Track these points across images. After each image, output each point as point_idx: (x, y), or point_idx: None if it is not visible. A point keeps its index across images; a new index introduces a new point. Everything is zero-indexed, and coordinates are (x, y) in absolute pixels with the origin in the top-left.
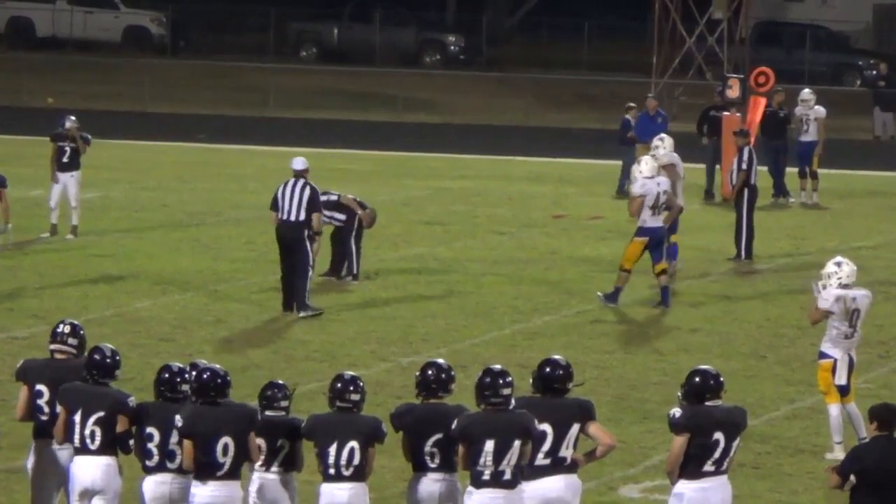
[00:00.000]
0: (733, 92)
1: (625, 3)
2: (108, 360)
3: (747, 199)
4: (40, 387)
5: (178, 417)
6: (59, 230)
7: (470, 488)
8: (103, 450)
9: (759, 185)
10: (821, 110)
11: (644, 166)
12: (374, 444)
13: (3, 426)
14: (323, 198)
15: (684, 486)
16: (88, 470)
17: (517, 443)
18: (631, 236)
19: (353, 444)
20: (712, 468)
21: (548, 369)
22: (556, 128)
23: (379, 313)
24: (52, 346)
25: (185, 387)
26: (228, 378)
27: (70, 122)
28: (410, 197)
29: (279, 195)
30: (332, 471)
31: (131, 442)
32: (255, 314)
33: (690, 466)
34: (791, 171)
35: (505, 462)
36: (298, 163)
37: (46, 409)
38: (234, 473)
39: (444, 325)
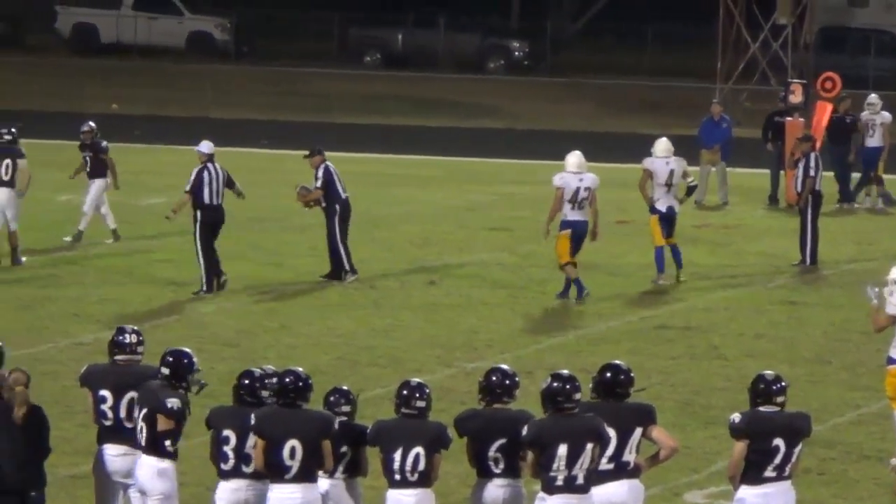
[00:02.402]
0: (795, 97)
1: (689, 8)
2: (184, 362)
3: (812, 204)
4: (104, 392)
5: (252, 416)
6: (116, 235)
7: (542, 494)
8: (148, 450)
9: (823, 190)
10: (887, 115)
11: (657, 146)
12: (439, 450)
13: (68, 431)
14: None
15: (746, 492)
16: (138, 470)
17: (589, 446)
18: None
19: (419, 450)
20: (773, 474)
21: (609, 374)
22: (619, 133)
23: (443, 319)
24: (118, 356)
25: (266, 392)
26: (310, 382)
27: (84, 128)
28: (474, 202)
29: (204, 180)
30: (397, 477)
31: (167, 443)
32: (319, 320)
33: (751, 472)
34: (856, 175)
35: (577, 466)
36: (206, 146)
37: (110, 414)
38: (306, 477)
39: (508, 330)
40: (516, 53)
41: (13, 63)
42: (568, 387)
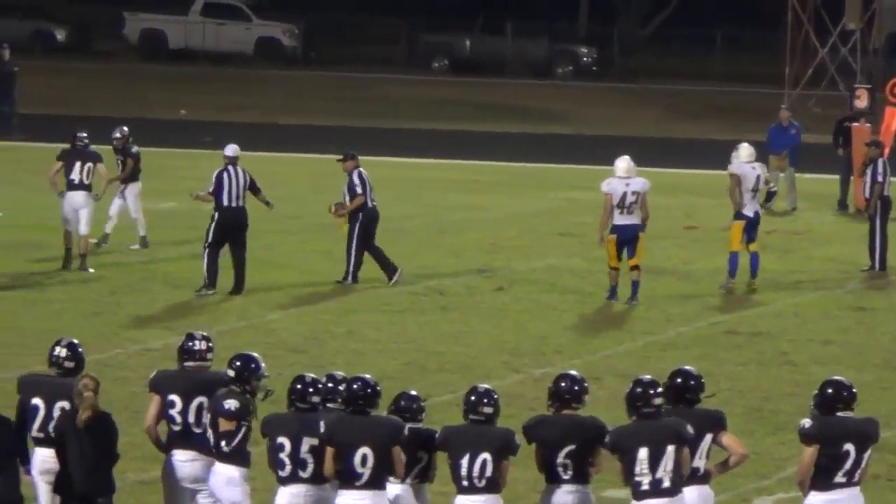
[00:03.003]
0: (861, 102)
1: (757, 13)
2: (251, 367)
3: (881, 209)
4: (173, 396)
5: (321, 424)
6: (145, 242)
7: (633, 502)
8: (220, 457)
9: (892, 196)
10: None
11: (742, 151)
12: (507, 456)
13: (136, 437)
14: None
15: (815, 498)
16: (211, 477)
17: (671, 448)
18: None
19: (486, 456)
20: (843, 479)
21: (680, 380)
22: (687, 139)
23: (512, 324)
24: (188, 362)
25: (317, 398)
26: (378, 388)
27: (116, 133)
28: (543, 208)
29: (224, 182)
30: (465, 483)
31: (223, 443)
32: (387, 325)
33: (821, 477)
34: None
35: (661, 469)
36: (231, 149)
37: (178, 419)
38: (376, 484)
39: (577, 336)
40: (584, 59)
41: (81, 69)
42: (648, 391)
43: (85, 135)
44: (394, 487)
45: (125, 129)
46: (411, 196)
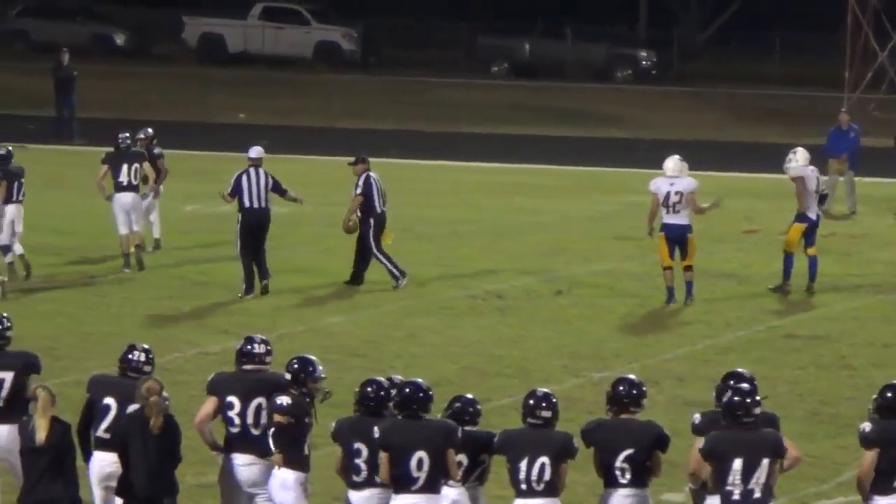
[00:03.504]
0: None
1: (817, 17)
2: (308, 369)
3: None
4: (231, 398)
5: (375, 430)
6: (158, 245)
7: None
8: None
9: None
10: None
11: (799, 155)
12: (565, 459)
13: (194, 440)
14: None
15: (876, 503)
16: (270, 480)
17: (766, 461)
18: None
19: (544, 459)
20: None
21: (732, 382)
22: (746, 142)
23: (571, 328)
24: (246, 366)
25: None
26: (431, 393)
27: (140, 135)
28: (601, 212)
29: (243, 184)
30: (523, 486)
31: (272, 441)
32: (446, 329)
33: (881, 481)
34: None
35: (753, 481)
36: (254, 151)
37: (237, 421)
38: (431, 488)
39: (635, 340)
40: (644, 63)
41: (140, 73)
42: (748, 400)
43: (127, 135)
44: (451, 491)
45: (150, 130)
46: (470, 200)
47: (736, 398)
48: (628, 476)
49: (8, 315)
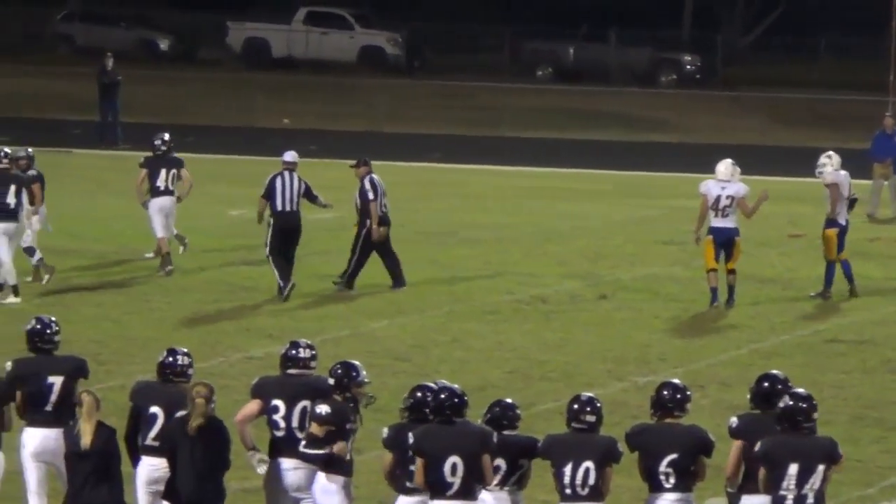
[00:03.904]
0: None
1: (861, 20)
2: (351, 374)
3: None
4: (276, 402)
5: (409, 435)
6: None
7: None
8: (322, 465)
9: None
10: None
11: (834, 159)
12: (609, 464)
13: (239, 445)
14: None
15: None
16: (314, 485)
17: (821, 468)
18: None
19: (589, 464)
20: None
21: (766, 384)
22: (790, 146)
23: (615, 333)
24: (291, 370)
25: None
26: (465, 398)
27: (155, 141)
28: (645, 216)
29: (276, 187)
30: (567, 491)
31: (307, 447)
32: (491, 334)
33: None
34: None
35: (807, 486)
36: (288, 155)
37: (282, 424)
38: (466, 493)
39: (680, 344)
40: (687, 67)
41: (185, 78)
42: (806, 406)
43: (165, 139)
44: (488, 496)
45: (166, 136)
46: (515, 204)
47: (800, 404)
48: (673, 480)
49: (56, 319)
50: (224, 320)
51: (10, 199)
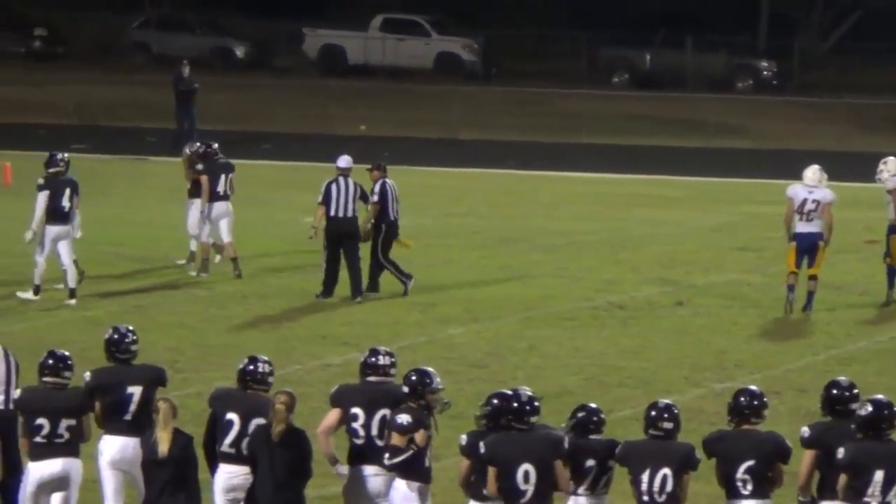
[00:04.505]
0: None
1: None
2: (425, 381)
3: None
4: (355, 410)
5: (481, 444)
6: (193, 257)
7: None
8: (398, 472)
9: None
10: None
11: (890, 164)
12: (687, 471)
13: (317, 453)
14: None
15: None
16: (391, 492)
17: None
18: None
19: (666, 471)
20: None
21: (835, 391)
22: (867, 152)
23: (692, 339)
24: (371, 377)
25: (535, 417)
26: (536, 404)
27: (187, 149)
28: (722, 223)
29: (332, 192)
30: (645, 498)
31: (387, 456)
32: (567, 340)
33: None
34: None
35: (892, 493)
36: (342, 161)
37: (362, 433)
38: (540, 500)
39: (757, 350)
40: (764, 73)
41: (261, 85)
42: (888, 412)
43: (217, 146)
44: (580, 500)
45: (197, 144)
46: (591, 211)
47: (883, 411)
48: (750, 487)
49: (133, 328)
50: (300, 327)
51: (65, 203)
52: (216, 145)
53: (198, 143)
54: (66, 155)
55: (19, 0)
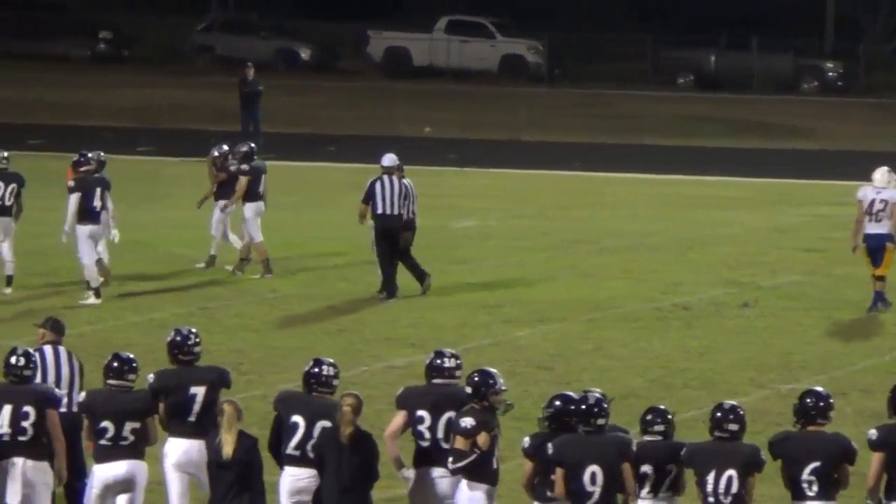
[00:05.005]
0: None
1: None
2: (489, 382)
3: None
4: (421, 412)
5: (549, 445)
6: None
7: None
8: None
9: None
10: None
11: None
12: (752, 472)
13: (382, 455)
14: None
15: None
16: (457, 493)
17: None
18: None
19: (732, 472)
20: None
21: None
22: None
23: (757, 340)
24: (436, 379)
25: (602, 420)
26: (605, 406)
27: (215, 151)
28: (787, 224)
29: (377, 190)
30: (711, 499)
31: (451, 459)
32: (633, 342)
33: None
34: None
35: None
36: (386, 159)
37: (427, 435)
38: (606, 502)
39: (823, 351)
40: (830, 74)
41: (326, 87)
42: None
43: (254, 146)
44: (653, 502)
45: (225, 147)
46: (656, 212)
47: None
48: (815, 489)
49: (196, 330)
50: (366, 329)
51: (97, 203)
52: (254, 145)
53: (224, 146)
54: (101, 154)
55: (85, 3)
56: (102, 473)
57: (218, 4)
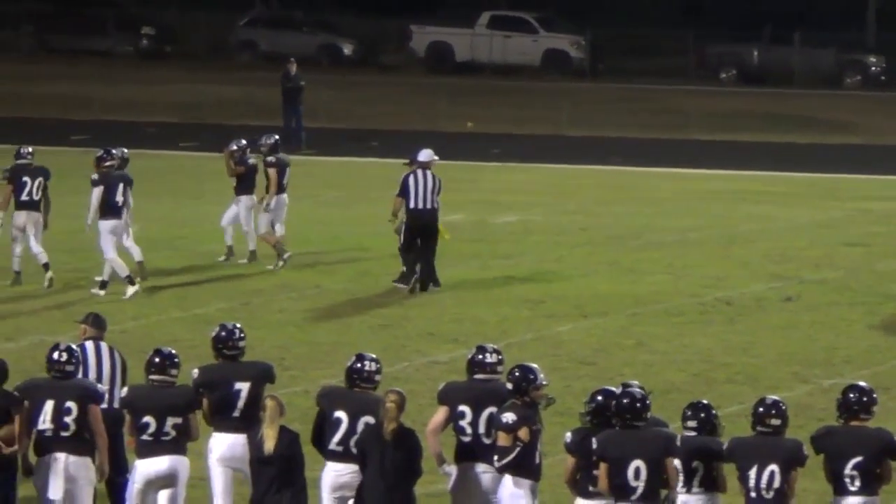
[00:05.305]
0: None
1: None
2: (529, 377)
3: None
4: (463, 408)
5: (593, 440)
6: (253, 256)
7: None
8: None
9: None
10: None
11: None
12: (795, 467)
13: (424, 451)
14: None
15: None
16: (500, 489)
17: None
18: None
19: (774, 467)
20: None
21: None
22: None
23: (801, 335)
24: (478, 375)
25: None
26: (648, 402)
27: (233, 146)
28: (831, 219)
29: (410, 185)
30: (753, 494)
31: (497, 456)
32: (676, 337)
33: None
34: None
35: None
36: (423, 154)
37: (469, 430)
38: (650, 497)
39: (867, 346)
40: (873, 68)
41: (369, 82)
42: None
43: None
44: (684, 497)
45: (243, 141)
46: (700, 207)
47: None
48: (858, 484)
49: (240, 326)
50: (409, 325)
51: (119, 198)
52: (278, 137)
53: (243, 140)
54: (124, 150)
55: (128, 0)
56: (144, 468)
57: (261, 0)
